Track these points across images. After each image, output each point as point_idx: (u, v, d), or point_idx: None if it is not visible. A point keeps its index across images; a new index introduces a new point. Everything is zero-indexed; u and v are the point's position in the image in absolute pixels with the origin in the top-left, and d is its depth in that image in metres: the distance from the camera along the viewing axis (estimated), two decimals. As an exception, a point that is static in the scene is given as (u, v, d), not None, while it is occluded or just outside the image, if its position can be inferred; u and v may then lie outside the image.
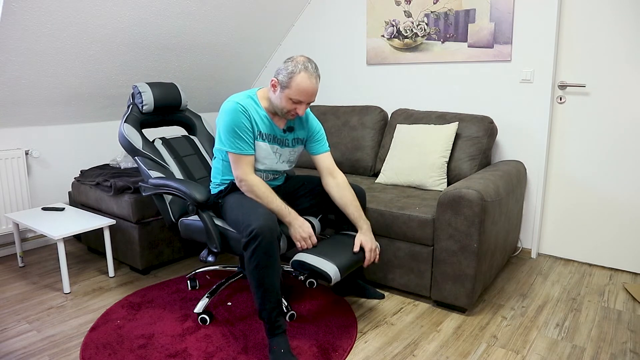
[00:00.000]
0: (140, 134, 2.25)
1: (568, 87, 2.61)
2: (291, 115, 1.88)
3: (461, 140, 2.63)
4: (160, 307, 2.19)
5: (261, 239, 1.65)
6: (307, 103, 1.86)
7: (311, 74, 1.80)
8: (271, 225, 1.68)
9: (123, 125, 2.21)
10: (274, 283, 1.70)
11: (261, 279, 1.69)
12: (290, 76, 1.79)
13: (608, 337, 1.95)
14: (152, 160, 2.21)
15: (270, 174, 2.05)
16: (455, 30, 2.85)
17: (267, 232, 1.66)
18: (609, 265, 2.65)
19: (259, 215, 1.70)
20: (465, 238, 2.02)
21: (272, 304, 1.71)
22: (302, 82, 1.78)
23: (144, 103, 2.27)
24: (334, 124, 3.14)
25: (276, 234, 1.70)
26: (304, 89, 1.79)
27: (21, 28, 2.28)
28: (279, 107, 1.88)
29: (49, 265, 2.76)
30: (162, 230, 2.63)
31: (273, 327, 1.73)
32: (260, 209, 1.76)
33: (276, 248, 1.70)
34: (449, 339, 1.94)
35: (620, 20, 2.41)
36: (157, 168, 2.20)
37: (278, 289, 1.72)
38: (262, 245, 1.65)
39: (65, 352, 1.85)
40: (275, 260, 1.70)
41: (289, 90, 1.81)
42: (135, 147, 2.20)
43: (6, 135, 2.82)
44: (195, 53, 3.19)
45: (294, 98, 1.81)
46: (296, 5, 3.46)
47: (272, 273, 1.69)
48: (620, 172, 2.53)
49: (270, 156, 1.99)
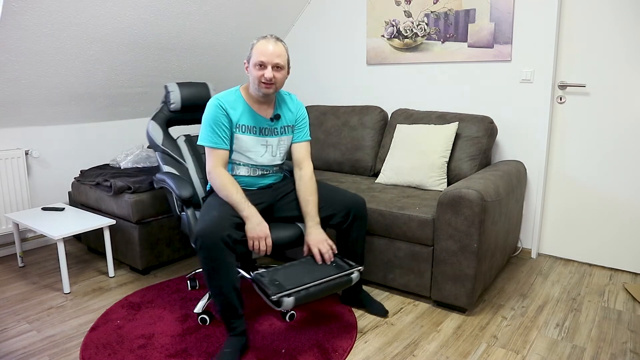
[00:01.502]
0: (164, 130, 2.37)
1: (568, 87, 2.61)
2: (264, 85, 1.87)
3: (461, 140, 2.63)
4: (160, 307, 2.19)
5: (201, 243, 1.66)
6: (274, 66, 1.86)
7: (268, 39, 1.88)
8: (213, 229, 1.66)
9: (150, 121, 2.37)
10: (221, 286, 1.70)
11: (209, 282, 1.72)
12: (251, 48, 1.89)
13: (608, 337, 1.95)
14: (169, 155, 2.34)
15: (259, 169, 2.03)
16: (455, 30, 2.85)
17: (207, 236, 1.65)
18: (609, 265, 2.65)
19: (205, 220, 1.71)
20: (465, 238, 2.02)
21: (222, 306, 1.73)
22: (260, 45, 1.86)
23: (171, 102, 2.39)
24: (334, 124, 3.14)
25: (219, 238, 1.65)
26: (262, 50, 1.85)
27: (21, 28, 2.28)
28: (254, 82, 1.90)
29: (49, 265, 2.76)
30: (162, 230, 2.63)
31: (227, 327, 1.79)
32: (211, 214, 1.75)
33: (221, 252, 1.66)
34: (449, 339, 1.94)
35: (620, 20, 2.41)
36: (172, 163, 2.33)
37: (228, 292, 1.71)
38: (204, 249, 1.66)
39: (65, 352, 1.85)
40: (222, 264, 1.68)
41: (252, 58, 1.88)
42: (155, 143, 2.35)
43: (6, 135, 2.82)
44: (195, 53, 3.19)
45: (256, 62, 1.85)
46: (296, 5, 3.46)
47: (218, 276, 1.69)
48: (620, 172, 2.53)
49: (254, 149, 1.98)
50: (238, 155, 1.98)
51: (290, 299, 1.64)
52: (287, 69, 1.94)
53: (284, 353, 1.82)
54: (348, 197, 2.02)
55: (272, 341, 1.90)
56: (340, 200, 2.00)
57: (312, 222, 1.91)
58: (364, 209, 2.03)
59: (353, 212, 1.99)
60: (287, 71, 1.94)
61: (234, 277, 1.72)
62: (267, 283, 1.70)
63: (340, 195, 2.03)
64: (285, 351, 1.83)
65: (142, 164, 2.93)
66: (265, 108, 1.99)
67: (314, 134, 3.20)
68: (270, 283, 1.70)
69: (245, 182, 2.01)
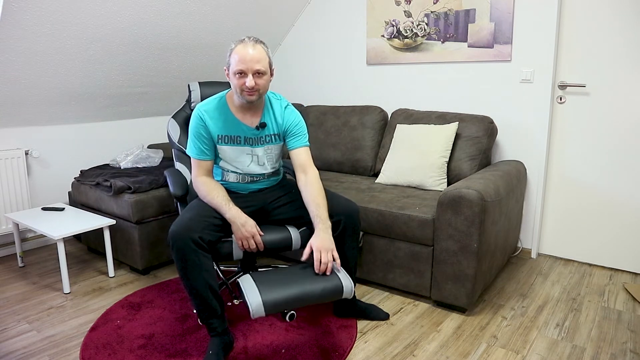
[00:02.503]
0: (182, 129, 2.39)
1: (568, 87, 2.61)
2: (246, 93, 1.79)
3: (461, 140, 2.63)
4: (160, 307, 2.19)
5: (172, 243, 1.67)
6: (254, 72, 1.75)
7: (246, 43, 1.76)
8: (182, 230, 1.66)
9: (170, 119, 2.40)
10: (196, 287, 1.70)
11: (184, 283, 1.72)
12: (229, 54, 1.79)
13: (608, 337, 1.95)
14: (183, 153, 2.36)
15: (247, 176, 1.97)
16: (455, 30, 2.85)
17: (177, 237, 1.66)
18: (609, 265, 2.65)
19: (176, 223, 1.71)
20: (465, 238, 2.02)
21: (200, 306, 1.74)
22: (238, 51, 1.75)
23: (192, 101, 2.42)
24: (334, 124, 3.14)
25: (189, 238, 1.65)
26: (240, 56, 1.74)
27: (21, 28, 2.28)
28: (236, 90, 1.82)
29: (49, 265, 2.76)
30: (162, 230, 2.63)
31: (207, 328, 1.79)
32: (184, 216, 1.75)
33: (191, 252, 1.66)
34: (449, 339, 1.94)
35: (620, 20, 2.41)
36: (185, 161, 2.35)
37: (204, 292, 1.71)
38: (175, 250, 1.67)
39: (65, 352, 1.85)
40: (194, 265, 1.67)
41: (231, 66, 1.78)
42: (172, 140, 2.39)
43: (6, 135, 2.82)
44: (195, 53, 3.19)
45: (236, 70, 1.75)
46: (296, 5, 3.46)
47: (192, 277, 1.69)
48: (620, 172, 2.53)
49: (239, 158, 1.93)
50: (225, 164, 1.95)
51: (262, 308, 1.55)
52: (270, 72, 1.84)
53: (284, 353, 1.82)
54: (341, 204, 1.91)
55: (272, 341, 1.90)
56: (333, 206, 1.87)
57: (323, 225, 1.74)
58: (356, 216, 1.92)
59: (344, 220, 1.88)
60: (270, 74, 1.83)
61: (210, 276, 1.71)
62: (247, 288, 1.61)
63: (334, 200, 1.92)
64: (285, 351, 1.83)
65: (142, 164, 2.94)
66: (251, 115, 1.90)
67: (314, 134, 3.20)
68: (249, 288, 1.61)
69: (236, 187, 1.98)
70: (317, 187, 1.84)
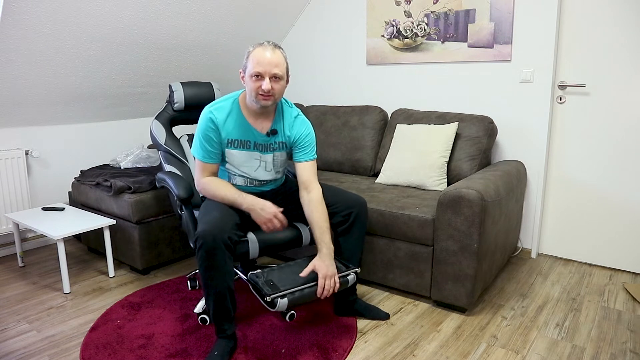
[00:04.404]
0: (167, 130, 2.40)
1: (568, 87, 2.61)
2: (261, 97, 1.78)
3: (461, 140, 2.63)
4: (160, 307, 2.19)
5: (202, 243, 1.65)
6: (271, 76, 1.76)
7: (265, 46, 1.76)
8: (215, 230, 1.65)
9: (153, 121, 2.39)
10: (217, 288, 1.70)
11: (205, 283, 1.71)
12: (247, 56, 1.79)
13: (608, 337, 1.95)
14: (171, 155, 2.35)
15: (255, 180, 1.99)
16: (455, 30, 2.85)
17: (208, 237, 1.64)
18: (609, 265, 2.65)
19: (205, 222, 1.70)
20: (465, 238, 2.02)
21: (216, 307, 1.73)
22: (256, 54, 1.75)
23: (175, 101, 2.40)
24: (334, 124, 3.14)
25: (221, 240, 1.65)
26: (258, 59, 1.74)
27: (21, 28, 2.28)
28: (250, 94, 1.80)
29: (49, 265, 2.76)
30: (162, 230, 2.63)
31: (217, 329, 1.78)
32: (211, 215, 1.74)
33: (221, 253, 1.65)
34: (449, 339, 1.94)
35: (620, 20, 2.41)
36: (174, 163, 2.35)
37: (224, 294, 1.71)
38: (204, 250, 1.65)
39: (65, 352, 1.85)
40: (220, 266, 1.67)
41: (248, 68, 1.77)
42: (158, 142, 2.37)
43: (6, 135, 2.82)
44: (195, 53, 3.19)
45: (253, 72, 1.75)
46: (296, 5, 3.46)
47: (215, 278, 1.68)
48: (620, 172, 2.53)
49: (247, 164, 1.93)
50: (232, 168, 1.95)
51: (284, 300, 1.64)
52: (287, 79, 1.84)
53: (284, 353, 1.82)
54: (350, 198, 1.98)
55: (272, 341, 1.90)
56: (342, 200, 1.97)
57: (327, 250, 1.79)
58: (365, 210, 2.00)
59: (355, 212, 1.96)
60: (286, 81, 1.84)
61: (230, 279, 1.72)
62: (262, 284, 1.70)
63: (341, 195, 2.00)
64: (285, 351, 1.83)
65: (142, 164, 2.94)
66: (262, 121, 1.90)
67: (314, 134, 3.20)
68: (265, 284, 1.70)
69: (242, 189, 1.97)
70: (321, 211, 1.86)
